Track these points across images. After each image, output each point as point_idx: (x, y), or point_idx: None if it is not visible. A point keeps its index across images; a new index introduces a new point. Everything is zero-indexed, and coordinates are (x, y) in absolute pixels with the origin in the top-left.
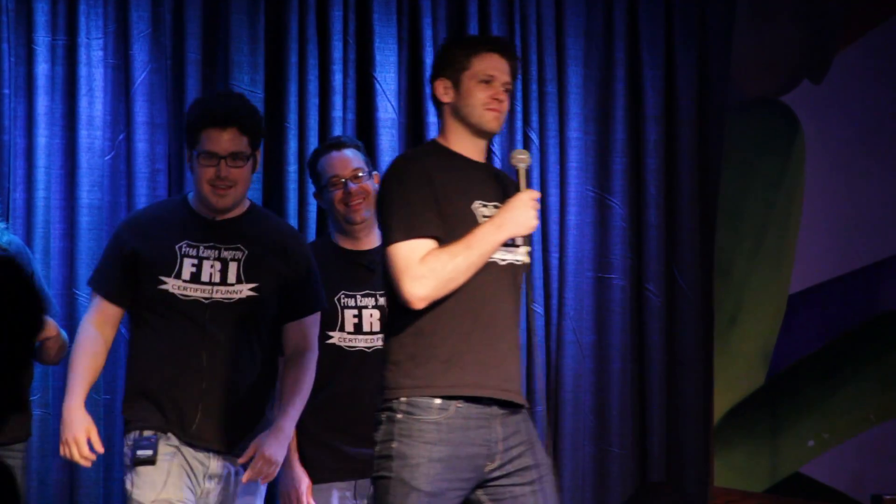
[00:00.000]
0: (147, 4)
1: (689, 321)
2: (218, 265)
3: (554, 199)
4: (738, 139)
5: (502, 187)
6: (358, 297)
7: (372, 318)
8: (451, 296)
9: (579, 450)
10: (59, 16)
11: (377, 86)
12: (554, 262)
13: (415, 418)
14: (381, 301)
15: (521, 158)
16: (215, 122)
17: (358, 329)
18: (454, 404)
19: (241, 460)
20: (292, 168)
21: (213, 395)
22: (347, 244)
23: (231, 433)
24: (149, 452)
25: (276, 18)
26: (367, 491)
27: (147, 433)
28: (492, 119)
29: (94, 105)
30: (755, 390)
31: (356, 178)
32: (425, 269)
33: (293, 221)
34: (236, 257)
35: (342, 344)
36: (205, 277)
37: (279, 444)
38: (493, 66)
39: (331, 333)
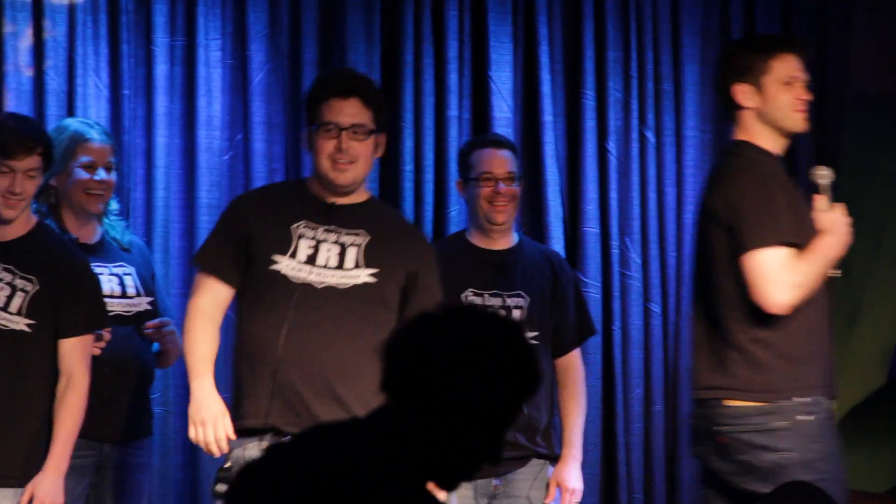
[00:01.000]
0: (264, 5)
1: None
2: (336, 248)
3: (671, 198)
4: (857, 137)
5: None
6: (486, 296)
7: None
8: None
9: None
10: (178, 17)
11: (492, 85)
12: (671, 260)
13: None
14: (510, 302)
15: (823, 174)
16: (338, 91)
17: None
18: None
19: None
20: (408, 167)
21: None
22: (481, 242)
23: None
24: (225, 488)
25: (392, 18)
26: (487, 490)
27: (229, 462)
28: (801, 120)
29: (212, 105)
30: (876, 390)
31: (508, 179)
32: (793, 277)
33: None
34: (356, 242)
35: None
36: (321, 261)
37: None
38: (793, 66)
39: None
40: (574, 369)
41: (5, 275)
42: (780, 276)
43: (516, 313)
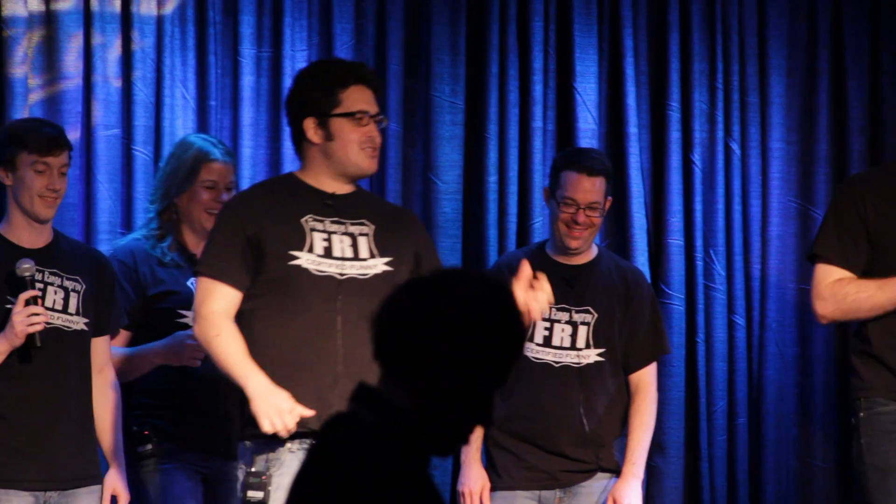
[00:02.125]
0: (350, 17)
1: None
2: (347, 240)
3: (756, 210)
4: None
5: None
6: (553, 310)
7: (563, 332)
8: None
9: (782, 463)
10: (265, 28)
11: (577, 96)
12: (756, 273)
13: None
14: (576, 317)
15: None
16: (361, 78)
17: (547, 342)
18: None
19: None
20: (492, 179)
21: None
22: (558, 256)
23: None
24: (259, 495)
25: (477, 29)
26: (552, 501)
27: (258, 467)
28: None
29: None
30: None
31: (590, 209)
32: (831, 292)
33: (492, 233)
34: (364, 232)
35: (529, 354)
36: (337, 252)
37: None
38: None
39: None
40: (644, 387)
41: (54, 278)
42: (822, 288)
43: (583, 329)
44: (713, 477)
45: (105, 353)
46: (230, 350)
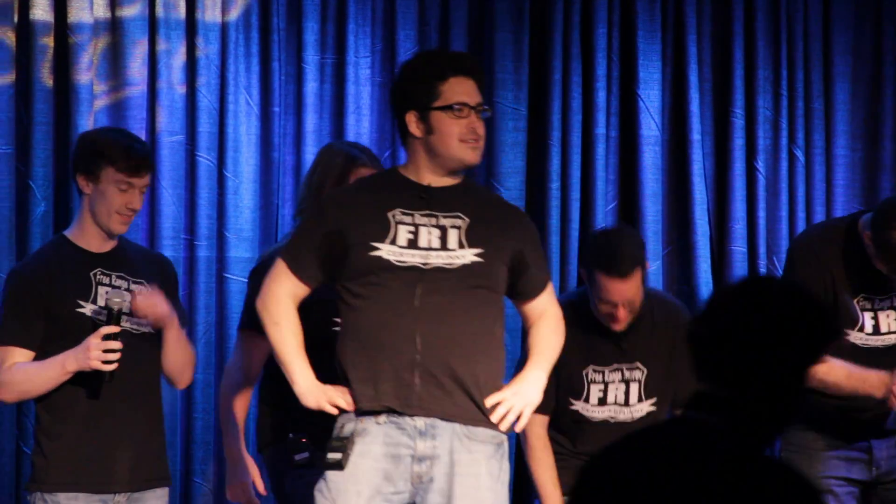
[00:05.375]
0: (413, 24)
1: None
2: (437, 231)
3: (820, 217)
4: None
5: None
6: (606, 372)
7: (617, 391)
8: None
9: None
10: (328, 35)
11: (640, 103)
12: None
13: None
14: (627, 375)
15: None
16: (460, 70)
17: (601, 402)
18: None
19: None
20: (555, 185)
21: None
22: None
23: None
24: (337, 456)
25: (541, 36)
26: None
27: (344, 433)
28: None
29: (360, 122)
30: None
31: (630, 303)
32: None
33: (555, 239)
34: (456, 224)
35: (587, 414)
36: (423, 243)
37: (533, 386)
38: None
39: (573, 402)
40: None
41: (122, 282)
42: None
43: (634, 387)
44: None
45: None
46: (286, 341)
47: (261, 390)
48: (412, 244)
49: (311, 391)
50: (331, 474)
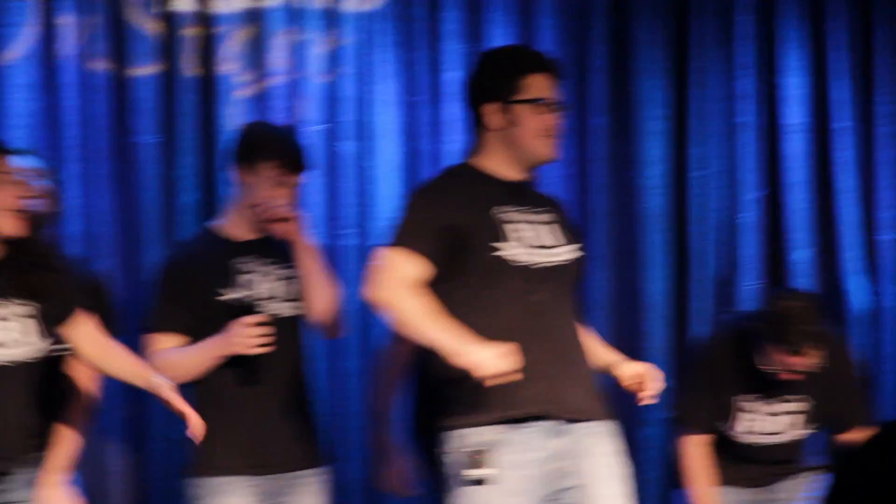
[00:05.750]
0: (552, 12)
1: None
2: (542, 228)
3: None
4: None
5: None
6: (758, 404)
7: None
8: None
9: None
10: (467, 24)
11: (782, 90)
12: None
13: None
14: (783, 407)
15: None
16: (540, 66)
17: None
18: None
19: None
20: (694, 174)
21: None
22: None
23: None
24: (478, 473)
25: (681, 23)
26: None
27: (478, 445)
28: None
29: None
30: None
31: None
32: None
33: (694, 229)
34: (549, 219)
35: (747, 440)
36: (534, 241)
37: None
38: None
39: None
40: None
41: (270, 268)
42: None
43: (785, 419)
44: None
45: None
46: (428, 323)
47: (414, 377)
48: (524, 242)
49: (488, 357)
50: (483, 491)
